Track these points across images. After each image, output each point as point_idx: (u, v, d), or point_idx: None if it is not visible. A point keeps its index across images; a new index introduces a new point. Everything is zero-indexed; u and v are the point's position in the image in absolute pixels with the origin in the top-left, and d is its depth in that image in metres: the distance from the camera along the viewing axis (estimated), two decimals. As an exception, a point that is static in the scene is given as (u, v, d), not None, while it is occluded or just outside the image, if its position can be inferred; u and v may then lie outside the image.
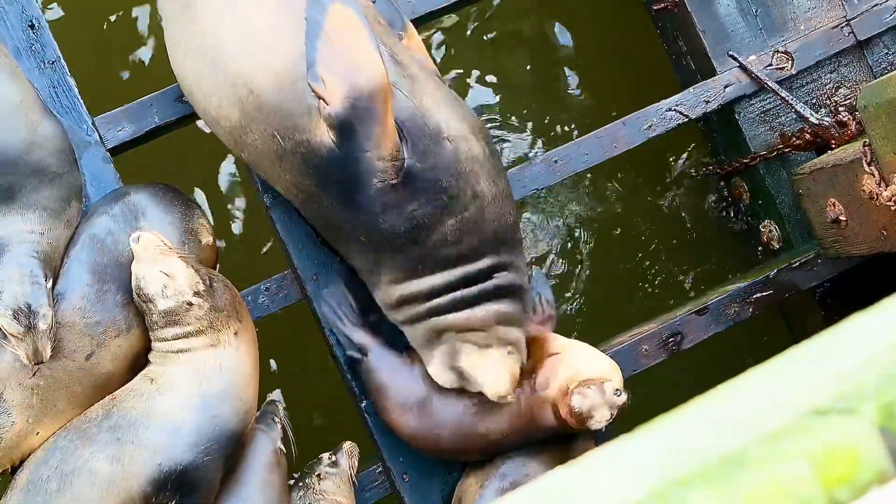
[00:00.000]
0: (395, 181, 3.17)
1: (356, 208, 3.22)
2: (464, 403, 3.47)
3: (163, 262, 3.21)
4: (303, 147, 3.21)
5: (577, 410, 3.31)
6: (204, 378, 3.24)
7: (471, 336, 3.35)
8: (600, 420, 3.32)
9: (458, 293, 3.32)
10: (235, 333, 3.31)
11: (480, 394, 3.41)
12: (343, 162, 3.17)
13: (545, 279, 3.81)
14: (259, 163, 3.36)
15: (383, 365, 3.54)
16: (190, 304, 3.21)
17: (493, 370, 3.34)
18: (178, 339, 3.24)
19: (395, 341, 3.54)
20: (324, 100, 3.14)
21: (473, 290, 3.33)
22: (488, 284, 3.33)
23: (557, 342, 3.52)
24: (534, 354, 3.49)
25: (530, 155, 4.82)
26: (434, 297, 3.33)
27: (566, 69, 5.01)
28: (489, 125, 4.80)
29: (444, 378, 3.43)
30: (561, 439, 3.53)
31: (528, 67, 4.98)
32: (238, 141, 3.34)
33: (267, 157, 3.30)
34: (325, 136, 3.17)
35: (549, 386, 3.40)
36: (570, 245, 4.87)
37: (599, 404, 3.31)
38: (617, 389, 3.33)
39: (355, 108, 3.12)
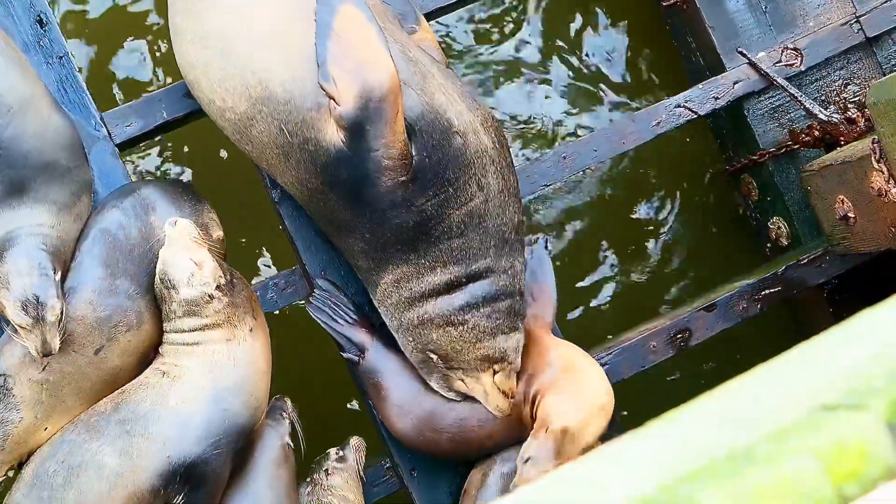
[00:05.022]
0: (404, 178, 3.17)
1: (364, 206, 3.22)
2: (464, 410, 3.48)
3: (194, 251, 3.22)
4: (311, 144, 3.20)
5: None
6: (217, 371, 3.24)
7: (457, 364, 3.37)
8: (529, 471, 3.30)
9: (442, 298, 3.32)
10: (251, 330, 3.31)
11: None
12: (352, 161, 3.17)
13: (547, 256, 3.75)
14: (264, 157, 3.36)
15: (381, 364, 3.53)
16: (211, 296, 3.22)
17: (488, 394, 3.38)
18: (195, 331, 3.24)
19: (395, 341, 3.54)
20: (334, 100, 3.14)
21: (457, 295, 3.32)
22: (467, 292, 3.31)
23: (543, 342, 3.51)
24: (526, 351, 3.49)
25: (539, 150, 4.81)
26: (431, 298, 3.32)
27: (574, 65, 5.00)
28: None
29: (446, 394, 3.48)
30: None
31: (538, 63, 4.97)
32: (243, 134, 3.34)
33: (272, 151, 3.30)
34: (334, 136, 3.17)
35: (529, 397, 3.43)
36: (577, 241, 4.87)
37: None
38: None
39: (366, 108, 3.12)
